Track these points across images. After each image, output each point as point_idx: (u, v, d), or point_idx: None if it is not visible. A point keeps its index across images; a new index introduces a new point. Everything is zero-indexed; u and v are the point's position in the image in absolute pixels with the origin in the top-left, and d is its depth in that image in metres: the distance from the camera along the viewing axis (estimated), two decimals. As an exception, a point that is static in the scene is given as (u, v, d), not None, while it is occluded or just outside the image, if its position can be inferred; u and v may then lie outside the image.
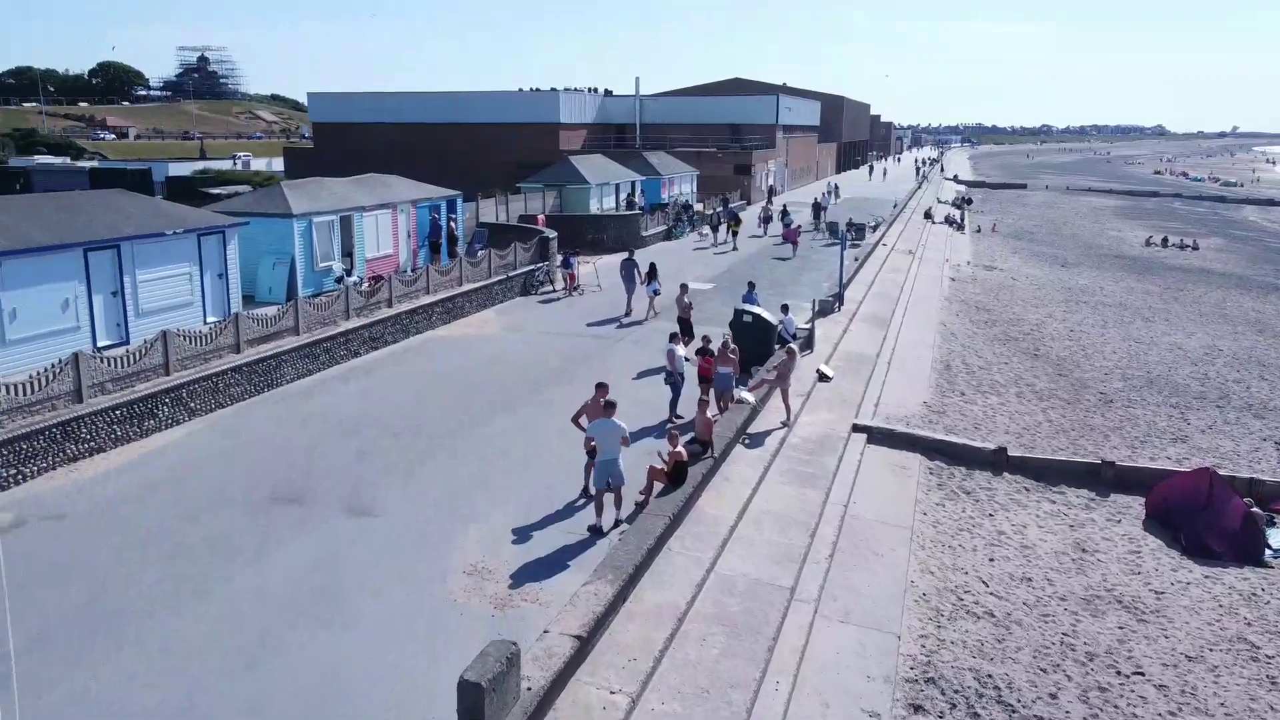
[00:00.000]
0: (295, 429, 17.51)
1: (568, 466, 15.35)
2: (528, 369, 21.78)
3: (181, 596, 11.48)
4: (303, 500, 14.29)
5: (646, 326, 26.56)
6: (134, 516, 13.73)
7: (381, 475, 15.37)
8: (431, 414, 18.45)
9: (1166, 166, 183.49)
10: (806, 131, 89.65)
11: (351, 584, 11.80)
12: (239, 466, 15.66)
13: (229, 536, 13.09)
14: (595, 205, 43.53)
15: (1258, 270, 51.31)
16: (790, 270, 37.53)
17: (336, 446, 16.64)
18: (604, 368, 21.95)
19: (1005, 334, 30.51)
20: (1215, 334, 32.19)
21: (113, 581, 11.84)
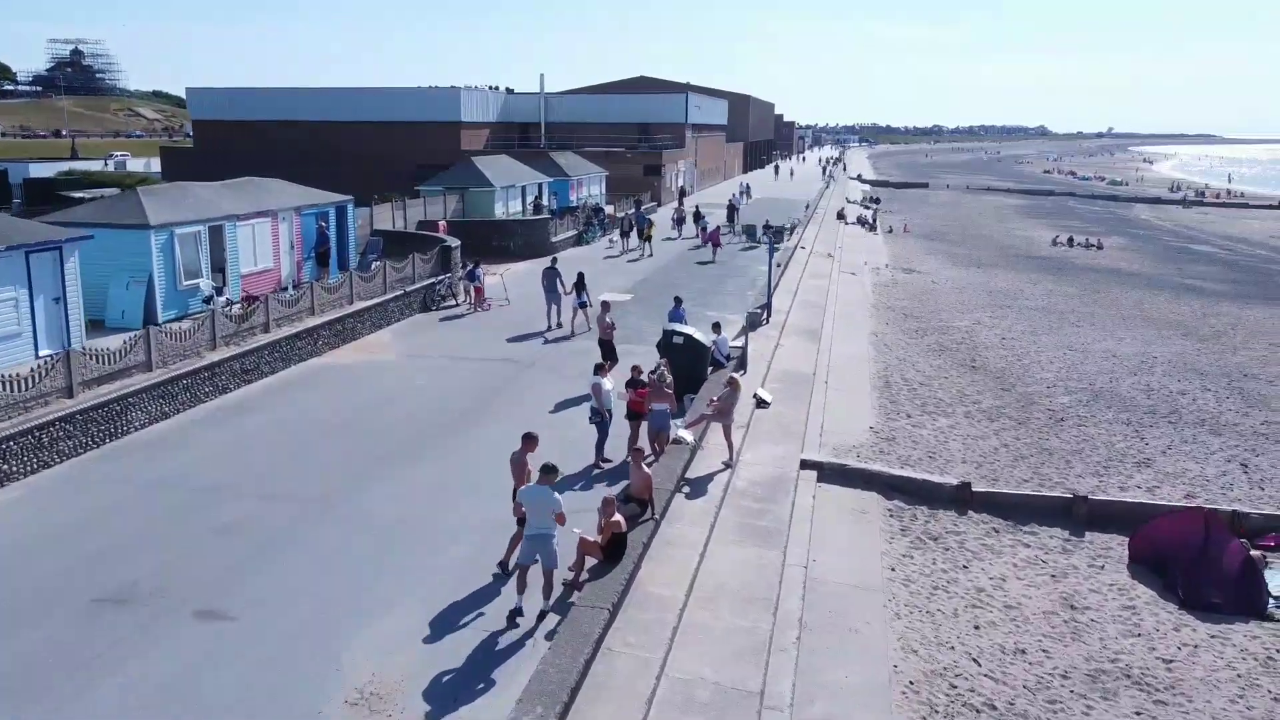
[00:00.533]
0: (140, 494, 14.43)
1: (484, 534, 12.83)
2: (430, 406, 19.03)
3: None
4: (140, 599, 11.35)
5: (566, 348, 24.08)
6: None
7: (246, 558, 12.52)
8: (313, 470, 15.60)
9: (1054, 166, 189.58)
10: (715, 131, 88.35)
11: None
12: (61, 553, 12.58)
13: (34, 663, 10.10)
14: (500, 209, 40.78)
15: (1164, 270, 51.75)
16: (712, 278, 35.51)
17: (190, 518, 13.66)
18: (518, 400, 19.39)
19: (939, 344, 29.08)
20: (1144, 339, 31.45)
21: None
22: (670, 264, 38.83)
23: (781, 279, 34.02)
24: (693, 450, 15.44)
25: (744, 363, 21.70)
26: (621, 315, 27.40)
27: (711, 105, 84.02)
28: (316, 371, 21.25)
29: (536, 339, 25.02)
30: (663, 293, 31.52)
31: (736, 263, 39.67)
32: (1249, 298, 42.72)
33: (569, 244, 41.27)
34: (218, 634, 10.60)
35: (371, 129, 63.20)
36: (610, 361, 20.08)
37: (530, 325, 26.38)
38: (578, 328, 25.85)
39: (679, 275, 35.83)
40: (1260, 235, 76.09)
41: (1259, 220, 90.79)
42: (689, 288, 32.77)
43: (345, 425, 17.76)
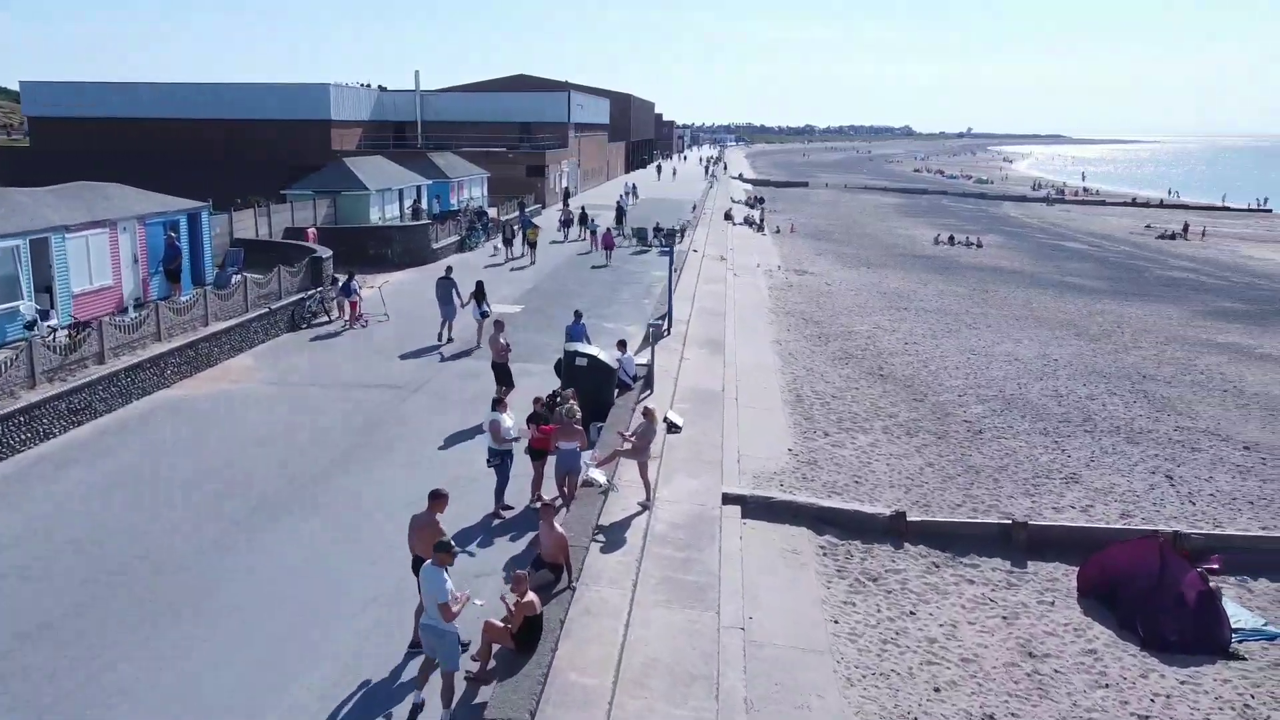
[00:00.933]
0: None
1: (376, 610, 10.75)
2: (299, 445, 16.61)
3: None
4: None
5: (455, 369, 21.89)
6: None
7: (62, 669, 10.06)
8: (153, 539, 13.03)
9: (923, 165, 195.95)
10: (597, 130, 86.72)
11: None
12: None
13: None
14: (376, 214, 38.01)
15: (1043, 267, 52.88)
16: (605, 284, 33.77)
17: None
18: (403, 435, 17.16)
19: (844, 350, 28.16)
20: (1040, 340, 31.37)
21: None
22: (560, 270, 36.90)
23: (677, 284, 32.61)
24: (606, 492, 13.65)
25: (650, 382, 20.05)
26: (512, 330, 25.35)
27: (593, 104, 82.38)
28: (163, 408, 18.43)
29: (422, 358, 22.74)
30: (555, 303, 29.67)
31: (629, 268, 38.07)
32: (1126, 294, 43.79)
33: (451, 250, 38.80)
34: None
35: (233, 127, 58.94)
36: (506, 387, 18.11)
37: (414, 342, 24.06)
38: (484, 341, 23.92)
39: (570, 283, 33.96)
40: (1121, 232, 79.46)
41: (1116, 217, 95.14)
42: (582, 296, 30.98)
43: (195, 477, 15.16)
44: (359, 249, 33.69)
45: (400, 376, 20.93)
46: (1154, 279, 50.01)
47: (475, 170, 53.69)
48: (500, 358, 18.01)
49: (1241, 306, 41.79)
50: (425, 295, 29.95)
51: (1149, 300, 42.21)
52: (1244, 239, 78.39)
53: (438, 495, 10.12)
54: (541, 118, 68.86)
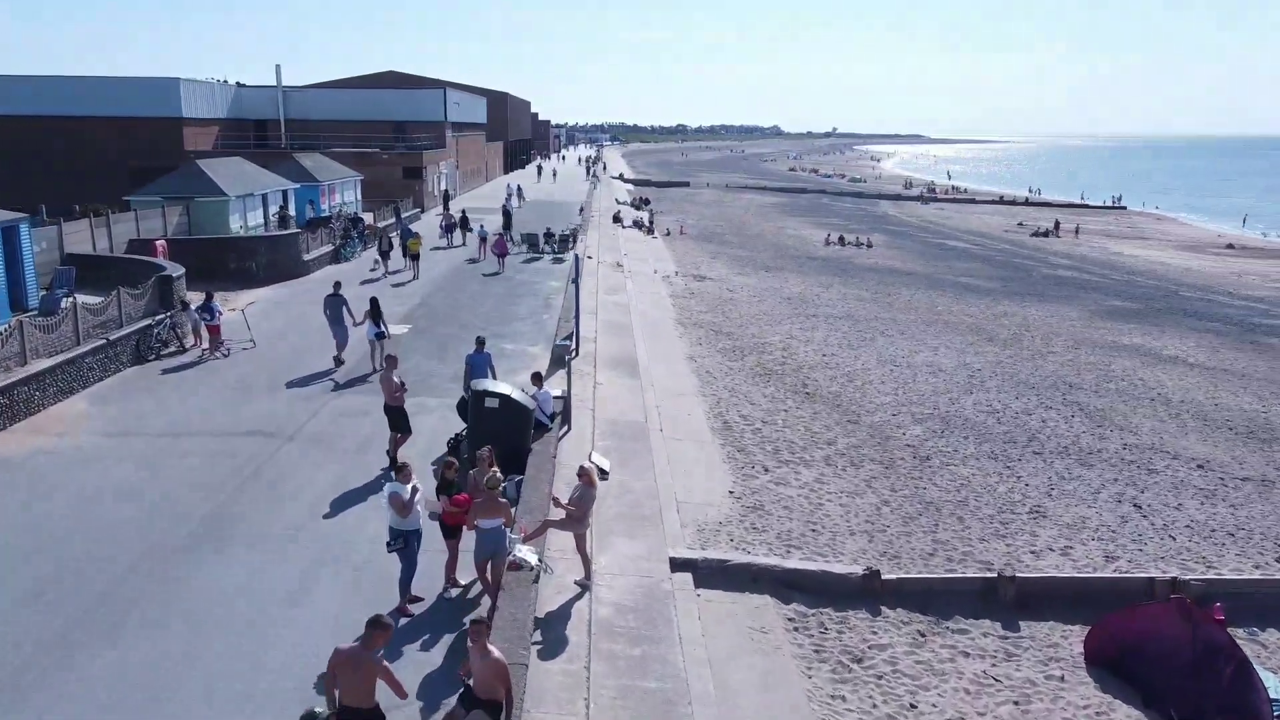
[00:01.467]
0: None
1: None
2: (141, 521, 13.30)
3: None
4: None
5: (339, 405, 18.78)
6: None
7: None
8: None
9: (797, 164, 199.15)
10: (475, 130, 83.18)
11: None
12: None
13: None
14: (237, 223, 34.08)
15: (935, 267, 52.79)
16: (499, 297, 30.95)
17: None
18: (277, 499, 14.12)
19: (762, 365, 26.29)
20: (956, 347, 30.35)
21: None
22: (448, 282, 33.84)
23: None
24: (539, 576, 11.11)
25: (568, 417, 17.56)
26: (401, 355, 22.38)
27: (470, 103, 78.81)
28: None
29: (297, 391, 19.55)
30: (447, 321, 26.75)
31: (522, 277, 35.34)
32: (1021, 295, 43.77)
33: (325, 261, 35.20)
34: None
35: (74, 125, 53.04)
36: (402, 434, 15.29)
37: (286, 372, 20.80)
38: (379, 365, 21.05)
39: (461, 297, 31.01)
40: (996, 230, 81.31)
41: (989, 215, 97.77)
42: (476, 312, 28.14)
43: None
44: (218, 263, 29.89)
45: (271, 418, 17.73)
46: (1042, 278, 50.49)
47: (347, 173, 49.81)
48: (394, 400, 15.14)
49: (1130, 305, 42.28)
50: (297, 315, 26.60)
51: (1045, 300, 42.23)
52: (1110, 236, 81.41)
53: (379, 625, 7.39)
54: (417, 116, 65.05)
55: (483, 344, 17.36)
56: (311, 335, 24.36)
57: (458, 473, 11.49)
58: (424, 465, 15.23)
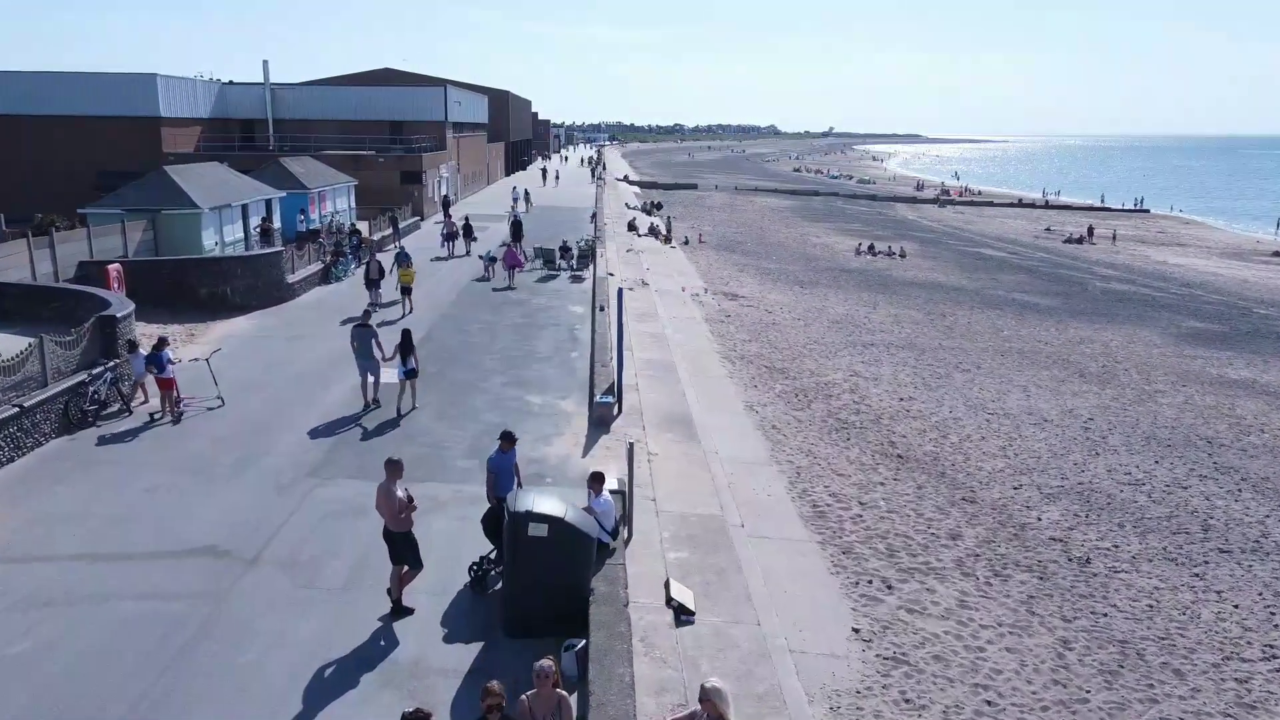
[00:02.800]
0: None
1: None
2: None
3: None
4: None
5: (334, 495, 14.37)
6: None
7: None
8: None
9: (802, 165, 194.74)
10: (476, 130, 78.74)
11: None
12: None
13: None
14: (211, 240, 29.67)
15: (979, 280, 48.51)
16: (517, 330, 26.49)
17: None
18: (229, 678, 9.70)
19: (833, 415, 21.97)
20: (1047, 386, 26.08)
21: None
22: (453, 308, 29.42)
23: (609, 328, 25.78)
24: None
25: (629, 521, 13.21)
26: (406, 421, 18.04)
27: (472, 101, 74.34)
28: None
29: (271, 473, 15.13)
30: (455, 362, 22.30)
31: (539, 300, 30.93)
32: (1086, 314, 39.52)
33: (313, 282, 30.77)
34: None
35: (38, 125, 48.55)
36: (409, 567, 10.91)
37: (258, 441, 16.36)
38: (403, 407, 18.31)
39: (471, 328, 26.62)
40: (1025, 236, 77.13)
41: (1011, 219, 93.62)
42: (491, 351, 23.74)
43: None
44: (187, 288, 25.52)
45: (231, 522, 13.31)
46: (1100, 294, 46.23)
47: (340, 178, 45.40)
48: (398, 524, 10.67)
49: (1211, 327, 38.03)
50: (280, 354, 22.15)
51: (1115, 321, 37.97)
52: (1144, 242, 77.26)
53: None
54: (415, 115, 60.59)
55: (511, 442, 12.57)
56: (296, 382, 19.98)
57: (503, 700, 7.09)
58: (438, 605, 10.91)
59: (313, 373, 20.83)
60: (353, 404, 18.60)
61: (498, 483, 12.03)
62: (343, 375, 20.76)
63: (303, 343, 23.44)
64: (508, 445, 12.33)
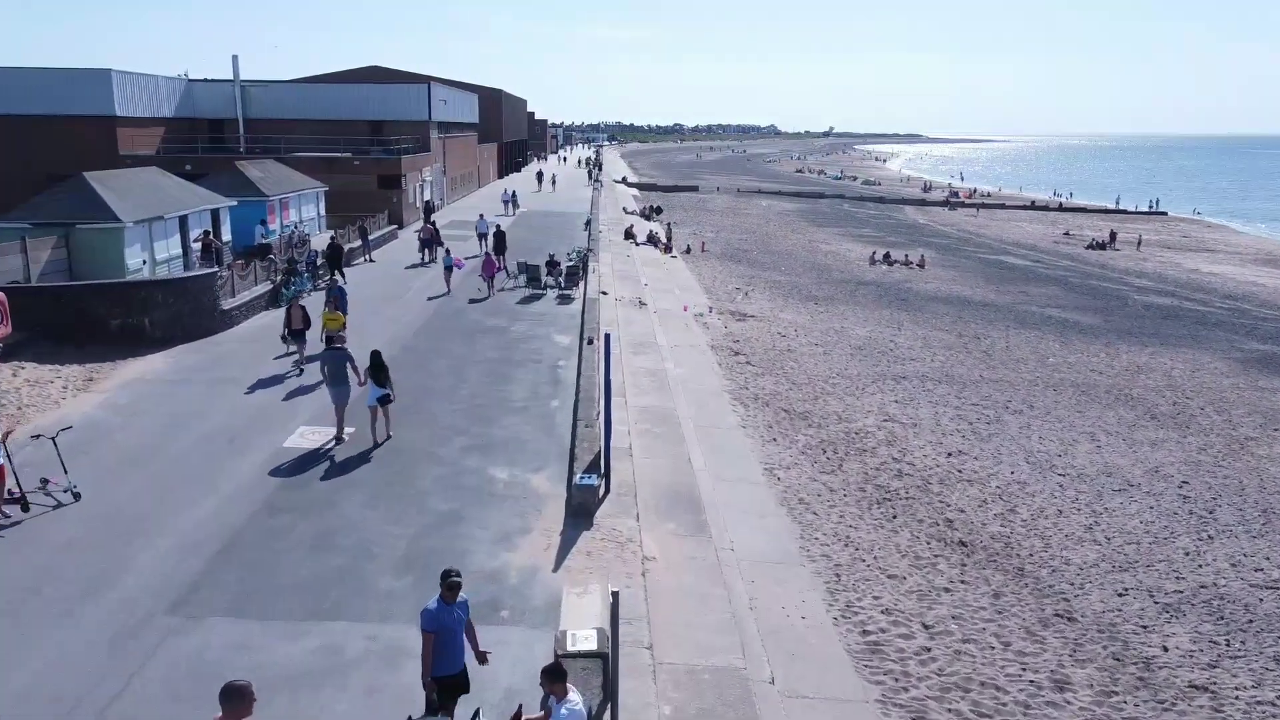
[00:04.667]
0: None
1: None
2: None
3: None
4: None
5: (238, 626, 10.26)
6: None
7: None
8: None
9: (804, 165, 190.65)
10: (466, 131, 74.58)
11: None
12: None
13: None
14: (137, 259, 25.55)
15: (1008, 294, 44.42)
16: (490, 369, 22.30)
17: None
18: None
19: (868, 477, 17.90)
20: (1119, 433, 22.01)
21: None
22: (415, 333, 25.31)
23: (594, 356, 21.62)
24: None
25: (611, 693, 9.08)
26: (322, 497, 13.97)
27: (460, 100, 70.12)
28: None
29: (119, 610, 11.02)
30: (410, 413, 18.04)
31: (520, 328, 26.80)
32: (1133, 334, 35.46)
33: (259, 307, 26.64)
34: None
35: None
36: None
37: (114, 553, 12.24)
38: (379, 435, 16.53)
39: (435, 362, 22.51)
40: (1045, 241, 73.17)
41: (1026, 223, 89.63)
42: (455, 398, 19.56)
43: None
44: (96, 320, 21.41)
45: (31, 707, 9.20)
46: (1141, 309, 42.15)
47: (307, 183, 41.31)
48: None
49: (1275, 349, 33.97)
50: (190, 407, 17.94)
51: (1168, 343, 33.90)
52: (1170, 247, 73.25)
53: None
54: (397, 115, 56.41)
55: (456, 589, 8.44)
56: (200, 447, 15.88)
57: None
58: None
59: (225, 432, 16.73)
60: (263, 482, 14.51)
61: (440, 653, 7.97)
62: (266, 432, 16.68)
63: (226, 388, 19.34)
64: (451, 595, 8.24)
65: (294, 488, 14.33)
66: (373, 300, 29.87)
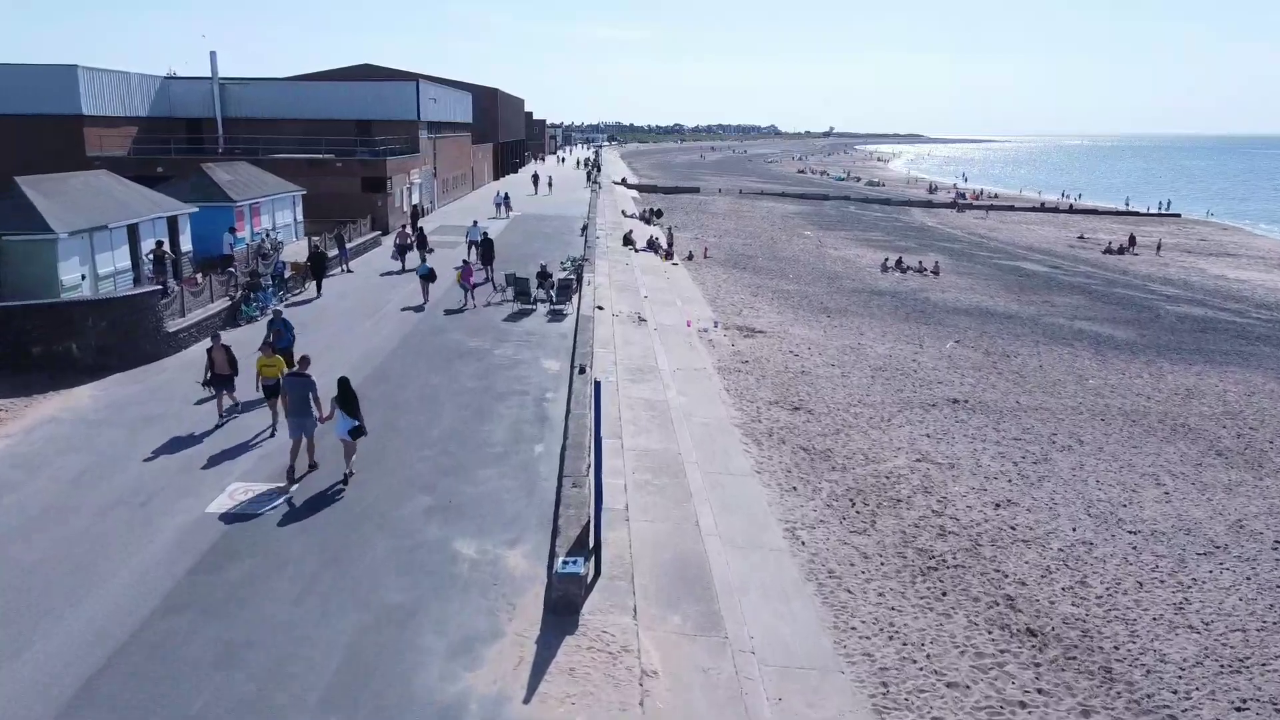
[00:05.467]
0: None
1: None
2: None
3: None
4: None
5: None
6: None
7: None
8: None
9: (806, 166, 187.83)
10: (459, 130, 71.80)
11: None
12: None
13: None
14: (74, 274, 22.78)
15: (1030, 304, 41.65)
16: (469, 401, 19.49)
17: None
18: None
19: (907, 538, 15.15)
20: (1183, 474, 19.28)
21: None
22: (388, 354, 22.56)
23: (586, 386, 18.83)
24: None
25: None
26: (243, 586, 11.25)
27: (452, 99, 67.35)
28: None
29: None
30: (369, 461, 15.22)
31: (504, 351, 24.00)
32: (1174, 350, 32.72)
33: (214, 326, 23.84)
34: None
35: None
36: None
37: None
38: (352, 466, 14.75)
39: (405, 393, 19.76)
40: (1059, 246, 70.36)
41: (1038, 226, 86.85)
42: (423, 445, 16.75)
43: None
44: (12, 347, 18.63)
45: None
46: (1176, 320, 39.39)
47: (282, 186, 38.55)
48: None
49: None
50: (114, 453, 15.14)
51: (1214, 361, 31.15)
52: (1190, 252, 70.45)
53: None
54: (384, 114, 53.67)
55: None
56: (109, 513, 13.11)
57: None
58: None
59: (140, 492, 13.97)
60: (171, 564, 11.75)
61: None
62: (190, 491, 13.91)
63: (154, 430, 16.58)
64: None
65: (209, 571, 11.58)
66: (346, 315, 27.19)
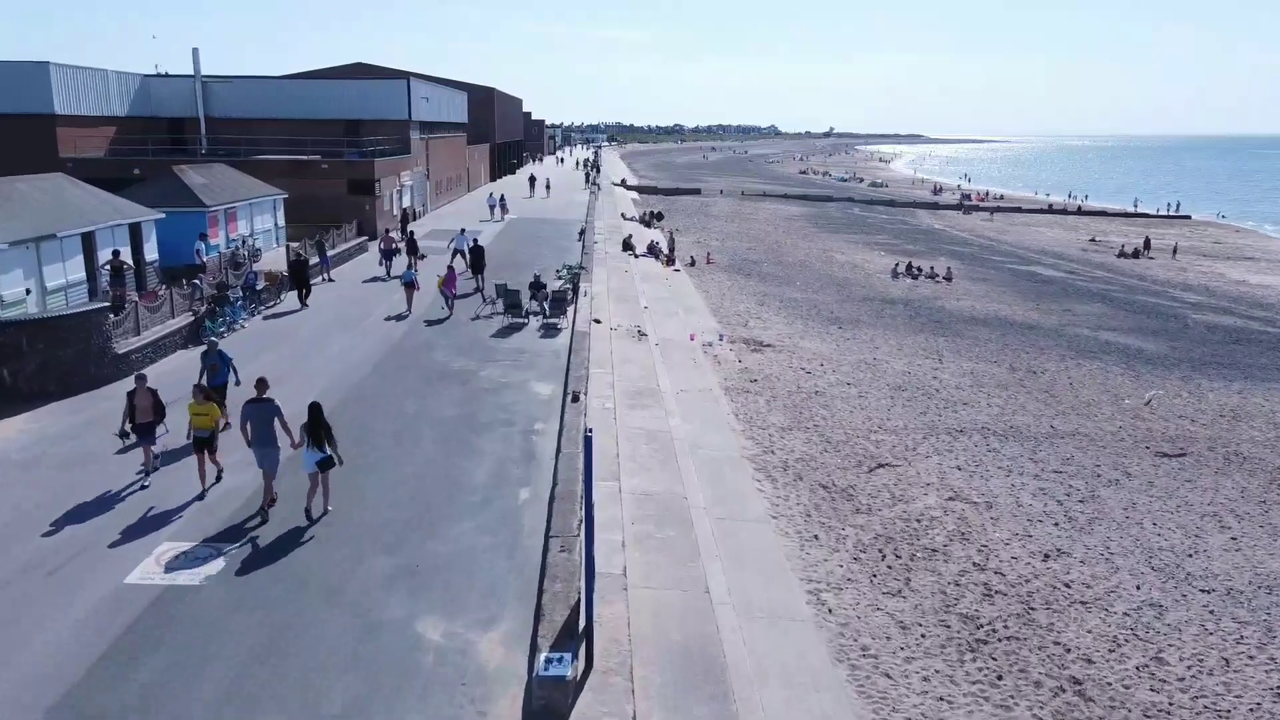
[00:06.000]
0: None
1: None
2: None
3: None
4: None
5: None
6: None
7: None
8: None
9: (807, 166, 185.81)
10: (454, 131, 69.72)
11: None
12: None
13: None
14: (16, 288, 20.69)
15: (1050, 313, 39.60)
16: (449, 433, 17.43)
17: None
18: None
19: (947, 603, 13.12)
20: (1251, 514, 17.28)
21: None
22: (366, 376, 20.50)
23: (583, 411, 16.75)
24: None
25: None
26: (153, 712, 9.16)
27: (446, 98, 65.27)
28: None
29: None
30: (345, 505, 13.19)
31: (490, 372, 21.90)
32: (1208, 364, 30.71)
33: (174, 346, 21.80)
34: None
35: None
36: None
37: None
38: (314, 509, 13.17)
39: (378, 422, 17.72)
40: (1071, 249, 68.37)
41: (1047, 228, 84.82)
42: (392, 487, 14.67)
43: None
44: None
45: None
46: (1205, 330, 37.33)
47: (261, 190, 36.49)
48: None
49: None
50: (38, 500, 13.12)
51: (1254, 377, 29.12)
52: (1206, 255, 68.41)
53: None
54: (373, 113, 51.60)
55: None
56: (22, 578, 11.04)
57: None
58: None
59: (52, 557, 11.91)
60: (69, 662, 9.69)
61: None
62: (111, 555, 11.86)
63: (85, 473, 14.51)
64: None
65: (117, 666, 9.53)
66: (324, 329, 25.19)
